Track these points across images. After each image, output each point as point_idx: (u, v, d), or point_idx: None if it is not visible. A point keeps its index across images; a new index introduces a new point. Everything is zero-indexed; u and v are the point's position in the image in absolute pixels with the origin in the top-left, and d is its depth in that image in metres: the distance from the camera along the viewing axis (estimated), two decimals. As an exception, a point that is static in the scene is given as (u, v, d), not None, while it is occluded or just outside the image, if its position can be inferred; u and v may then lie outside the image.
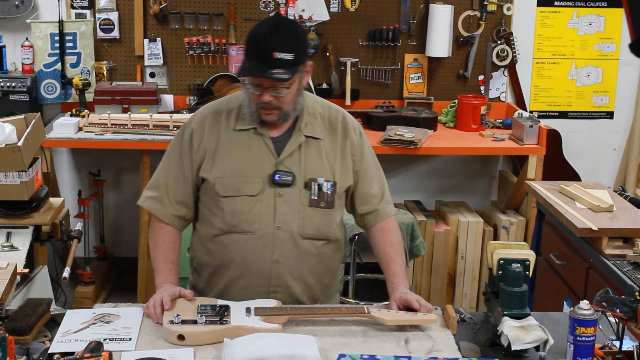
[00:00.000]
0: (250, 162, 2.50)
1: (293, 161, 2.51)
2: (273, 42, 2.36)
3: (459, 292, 4.77)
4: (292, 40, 2.40)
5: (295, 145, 2.52)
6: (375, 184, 2.64)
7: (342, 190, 2.57)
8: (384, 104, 5.04)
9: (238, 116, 2.53)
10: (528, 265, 2.29)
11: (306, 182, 2.50)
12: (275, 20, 2.47)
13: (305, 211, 2.51)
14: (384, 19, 5.03)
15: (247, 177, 2.49)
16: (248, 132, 2.52)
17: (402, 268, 2.59)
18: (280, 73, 2.36)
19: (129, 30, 4.96)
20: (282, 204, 2.49)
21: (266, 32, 2.38)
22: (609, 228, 3.15)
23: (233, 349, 2.14)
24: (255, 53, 2.38)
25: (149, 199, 2.58)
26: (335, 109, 2.64)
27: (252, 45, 2.40)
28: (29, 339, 2.23)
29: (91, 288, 4.75)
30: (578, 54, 5.20)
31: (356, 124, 2.65)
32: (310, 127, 2.54)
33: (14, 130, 3.15)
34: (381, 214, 2.64)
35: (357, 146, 2.61)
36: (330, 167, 2.54)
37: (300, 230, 2.50)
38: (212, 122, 2.54)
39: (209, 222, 2.56)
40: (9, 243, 3.11)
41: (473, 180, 5.33)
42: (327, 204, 2.53)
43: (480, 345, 2.30)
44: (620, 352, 2.15)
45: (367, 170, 2.62)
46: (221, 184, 2.49)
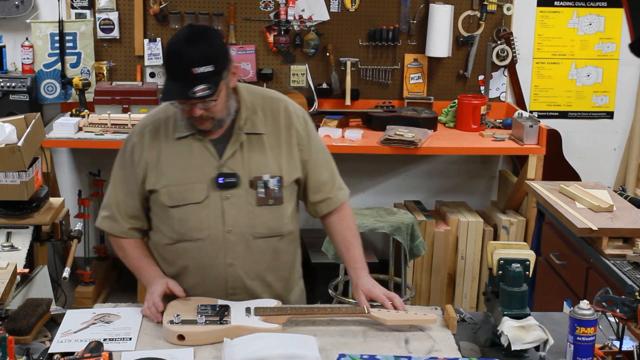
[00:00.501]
0: (192, 169, 2.45)
1: (236, 161, 2.45)
2: (190, 57, 2.29)
3: (459, 292, 4.77)
4: (208, 50, 2.32)
5: (236, 145, 2.46)
6: (324, 170, 2.59)
7: (289, 183, 2.51)
8: (384, 104, 5.04)
9: (176, 124, 2.48)
10: (528, 265, 2.29)
11: (251, 181, 2.45)
12: (187, 32, 2.35)
13: (254, 211, 2.46)
14: (384, 19, 5.03)
15: (191, 184, 2.44)
16: (187, 139, 2.46)
17: (361, 253, 2.59)
18: (203, 89, 2.29)
19: (129, 30, 4.96)
20: (230, 206, 2.45)
21: (181, 47, 2.31)
22: (609, 228, 3.15)
23: (233, 349, 2.14)
24: (175, 72, 2.32)
25: (104, 219, 2.57)
26: (277, 99, 2.57)
27: (170, 63, 2.34)
28: (29, 339, 2.23)
29: (91, 288, 4.75)
30: (578, 54, 5.20)
31: (300, 111, 2.58)
32: (250, 124, 2.48)
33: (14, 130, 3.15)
34: (334, 201, 2.60)
35: (304, 135, 2.54)
36: (275, 161, 2.48)
37: (252, 231, 2.47)
38: (152, 133, 2.49)
39: (160, 232, 2.53)
40: (9, 243, 3.11)
41: (473, 180, 5.33)
42: (276, 200, 2.48)
43: (480, 345, 2.30)
44: (620, 352, 2.15)
45: (316, 158, 2.56)
46: (166, 195, 2.45)
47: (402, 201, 5.10)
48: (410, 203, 5.00)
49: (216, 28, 2.49)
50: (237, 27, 4.98)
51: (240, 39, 5.00)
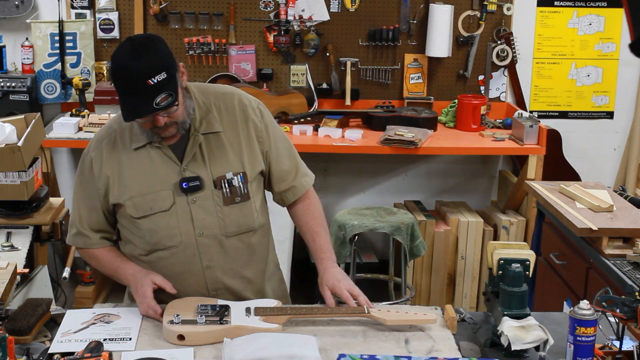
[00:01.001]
0: (154, 177, 2.43)
1: (197, 164, 2.44)
2: (141, 70, 2.24)
3: (459, 292, 4.77)
4: (156, 57, 2.29)
5: (195, 147, 2.43)
6: (286, 159, 2.57)
7: (253, 177, 2.50)
8: (384, 104, 5.04)
9: (132, 134, 2.44)
10: (528, 265, 2.29)
11: (215, 182, 2.44)
12: (130, 46, 2.30)
13: (223, 211, 2.45)
14: (384, 19, 5.03)
15: (155, 193, 2.42)
16: (145, 148, 2.43)
17: (327, 241, 2.58)
18: (166, 98, 2.26)
19: (129, 30, 4.96)
20: (197, 210, 2.43)
21: (129, 62, 2.25)
22: (609, 228, 3.15)
23: (233, 349, 2.14)
24: (130, 88, 2.27)
25: (73, 236, 2.54)
26: (229, 93, 2.54)
27: (122, 80, 2.28)
28: (29, 339, 2.23)
29: (91, 288, 4.75)
30: (578, 54, 5.20)
31: (255, 102, 2.55)
32: (205, 124, 2.46)
33: (14, 130, 3.15)
34: (299, 189, 2.60)
35: (261, 127, 2.52)
36: (236, 157, 2.47)
37: (223, 231, 2.46)
38: (109, 146, 2.46)
39: (131, 243, 2.52)
40: (9, 243, 3.12)
41: (473, 180, 5.33)
42: (242, 197, 2.46)
43: (480, 345, 2.29)
44: (620, 352, 2.15)
45: (276, 148, 2.55)
46: (132, 206, 2.44)
47: (402, 201, 5.10)
48: (410, 203, 5.00)
49: (154, 35, 2.46)
50: (237, 27, 4.98)
51: (240, 39, 5.00)
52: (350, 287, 2.46)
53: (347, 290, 2.44)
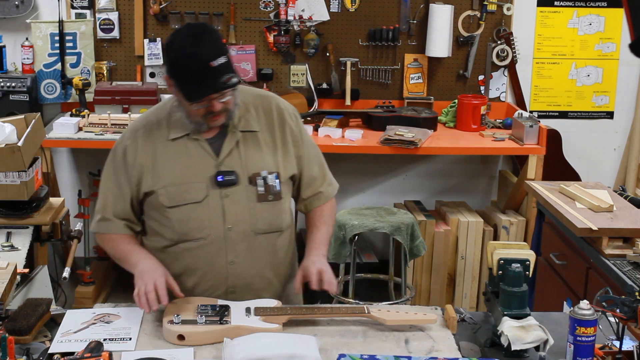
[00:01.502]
0: (190, 169, 2.45)
1: (233, 159, 2.46)
2: (204, 53, 2.30)
3: (459, 292, 4.77)
4: (217, 42, 2.35)
5: (232, 143, 2.47)
6: (315, 165, 2.61)
7: (286, 179, 2.53)
8: (384, 104, 5.04)
9: (169, 125, 2.48)
10: (528, 265, 2.29)
11: (250, 178, 2.46)
12: (189, 33, 2.36)
13: (255, 207, 2.47)
14: (384, 19, 5.03)
15: (190, 184, 2.44)
16: (182, 139, 2.47)
17: (324, 236, 2.58)
18: (229, 79, 2.32)
19: (129, 30, 4.96)
20: (230, 204, 2.45)
21: (191, 47, 2.31)
22: (609, 228, 3.15)
23: (233, 349, 2.14)
24: (193, 73, 2.32)
25: (98, 222, 2.55)
26: (267, 97, 2.58)
27: (185, 66, 2.33)
28: (29, 339, 2.23)
29: (91, 288, 4.75)
30: (578, 54, 5.20)
31: (291, 108, 2.60)
32: (244, 122, 2.49)
33: (14, 130, 3.15)
34: (324, 196, 2.62)
35: (296, 132, 2.56)
36: (272, 157, 2.50)
37: (253, 228, 2.47)
38: (144, 136, 2.49)
39: (157, 235, 2.52)
40: (9, 243, 3.11)
41: (473, 180, 5.33)
42: (275, 195, 2.49)
43: (480, 345, 2.30)
44: (620, 352, 2.15)
45: (308, 154, 2.59)
46: (165, 195, 2.45)
47: (402, 201, 5.10)
48: (410, 203, 5.00)
49: (207, 23, 2.50)
50: (237, 27, 4.98)
51: (240, 39, 5.00)
52: (322, 269, 2.44)
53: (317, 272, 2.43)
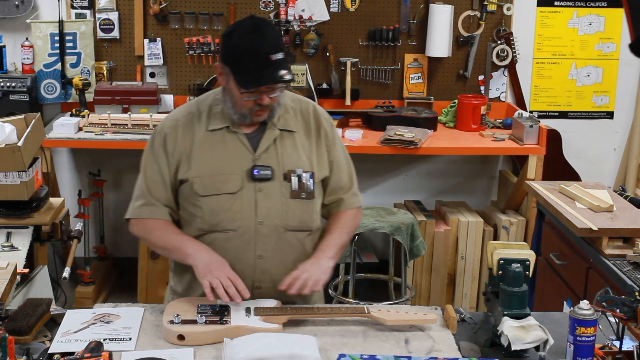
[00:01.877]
0: (227, 160, 2.49)
1: (270, 155, 2.50)
2: (265, 45, 2.37)
3: (459, 292, 4.77)
4: (278, 38, 2.43)
5: (270, 139, 2.51)
6: (344, 175, 2.64)
7: (319, 180, 2.57)
8: (384, 104, 5.04)
9: (209, 117, 2.53)
10: (528, 265, 2.29)
11: (285, 174, 2.50)
12: (253, 24, 2.42)
13: (288, 203, 2.49)
14: (384, 19, 5.03)
15: (225, 175, 2.48)
16: (221, 131, 2.51)
17: (335, 241, 2.56)
18: (286, 74, 2.39)
19: (129, 30, 4.96)
20: (263, 198, 2.48)
21: (253, 38, 2.38)
22: (609, 228, 3.15)
23: (233, 349, 2.14)
24: (251, 62, 2.37)
25: (141, 207, 2.55)
26: (305, 101, 2.64)
27: (244, 55, 2.38)
28: (29, 339, 2.23)
29: (91, 288, 4.75)
30: (578, 54, 5.20)
31: (327, 115, 2.66)
32: (283, 121, 2.54)
33: (14, 130, 3.15)
34: (346, 204, 2.63)
35: (331, 137, 2.61)
36: (307, 158, 2.54)
37: (284, 223, 2.49)
38: (185, 125, 2.53)
39: (188, 224, 2.54)
40: (9, 243, 3.11)
41: (473, 180, 5.33)
42: (308, 194, 2.51)
43: (480, 345, 2.30)
44: (620, 352, 2.15)
45: (339, 161, 2.63)
46: (200, 183, 2.48)
47: (402, 201, 5.10)
48: (410, 203, 5.00)
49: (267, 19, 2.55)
50: (237, 27, 4.97)
51: (240, 39, 4.99)
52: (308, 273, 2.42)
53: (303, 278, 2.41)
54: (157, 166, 2.54)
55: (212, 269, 2.39)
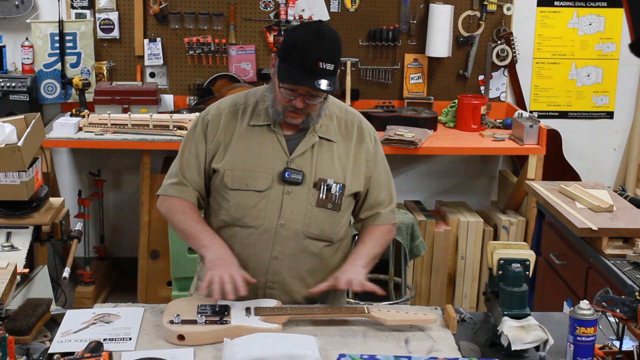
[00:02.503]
0: (261, 158, 2.50)
1: (304, 160, 2.51)
2: (319, 52, 2.36)
3: (459, 292, 4.77)
4: (335, 50, 2.41)
5: (308, 144, 2.52)
6: (383, 192, 2.63)
7: (349, 194, 2.56)
8: (384, 104, 5.04)
9: (253, 112, 2.54)
10: (528, 265, 2.29)
11: (315, 182, 2.50)
12: (318, 28, 2.42)
13: (312, 211, 2.50)
14: (384, 19, 5.03)
15: (256, 172, 2.49)
16: (262, 128, 2.53)
17: (368, 251, 2.56)
18: (328, 84, 2.37)
19: (129, 30, 4.96)
20: (289, 201, 2.49)
21: (312, 40, 2.38)
22: (609, 228, 3.15)
23: (233, 349, 2.14)
24: (299, 60, 2.37)
25: (171, 186, 2.57)
26: (352, 112, 2.64)
27: (296, 52, 2.38)
28: (29, 339, 2.23)
29: (91, 288, 4.75)
30: (578, 54, 5.20)
31: (372, 130, 2.65)
32: (325, 129, 2.54)
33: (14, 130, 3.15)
34: (380, 218, 2.63)
35: (372, 153, 2.60)
36: (341, 169, 2.53)
37: (304, 229, 2.50)
38: (229, 115, 2.55)
39: (213, 214, 2.57)
40: (9, 243, 3.11)
41: (473, 180, 5.33)
42: (334, 205, 2.52)
43: (480, 345, 2.30)
44: (620, 352, 2.15)
45: (378, 178, 2.62)
46: (230, 176, 2.50)
47: (402, 201, 5.10)
48: (410, 203, 5.00)
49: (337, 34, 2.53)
50: (237, 27, 4.98)
51: (240, 39, 5.00)
52: (347, 275, 2.43)
53: (347, 280, 2.42)
54: (195, 150, 2.56)
55: (219, 265, 2.40)
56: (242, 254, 2.51)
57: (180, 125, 4.47)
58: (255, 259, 2.51)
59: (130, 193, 5.17)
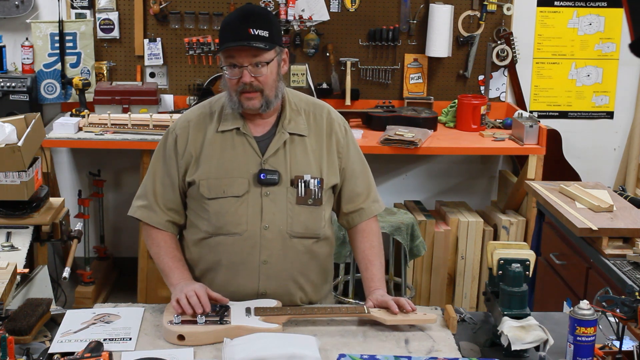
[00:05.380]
0: (234, 163, 2.48)
1: (278, 159, 2.48)
2: (247, 21, 2.38)
3: (459, 292, 4.77)
4: (265, 20, 2.41)
5: (279, 142, 2.49)
6: (360, 181, 2.61)
7: (328, 187, 2.54)
8: (384, 104, 5.04)
9: (220, 118, 2.51)
10: (528, 265, 2.29)
11: (292, 180, 2.48)
12: (243, 7, 2.48)
13: (293, 209, 2.48)
14: (384, 19, 5.03)
15: (232, 178, 2.47)
16: (231, 133, 2.50)
17: (381, 272, 2.57)
18: (259, 42, 2.36)
19: (129, 30, 4.96)
20: (268, 203, 2.46)
21: (238, 15, 2.41)
22: (609, 228, 3.15)
23: (233, 349, 2.14)
24: (230, 34, 2.39)
25: (139, 208, 2.56)
26: (319, 105, 2.61)
27: (226, 28, 2.42)
28: (29, 339, 2.23)
29: (91, 288, 4.75)
30: (578, 54, 5.20)
31: (341, 120, 2.63)
32: (294, 124, 2.52)
33: (14, 130, 3.15)
34: (366, 213, 2.62)
35: (343, 143, 2.59)
36: (316, 163, 2.52)
37: (289, 229, 2.48)
38: (196, 126, 2.52)
39: (195, 227, 2.53)
40: (9, 243, 3.11)
41: (473, 180, 5.33)
42: (315, 200, 2.50)
43: (480, 345, 2.30)
44: (620, 352, 2.15)
45: (352, 168, 2.60)
46: (206, 186, 2.47)
47: (402, 201, 5.10)
48: (410, 203, 5.00)
49: None
50: (237, 27, 4.97)
51: (240, 39, 4.99)
52: (397, 299, 2.42)
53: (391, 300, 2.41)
54: (166, 168, 2.53)
55: (183, 288, 2.37)
56: (230, 262, 2.48)
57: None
58: (244, 266, 2.48)
59: (130, 193, 5.14)
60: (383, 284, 2.54)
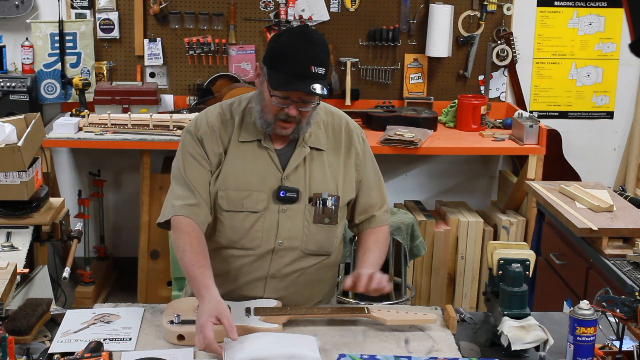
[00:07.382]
0: (254, 176, 2.42)
1: (298, 176, 2.44)
2: (310, 55, 2.28)
3: (459, 292, 4.77)
4: (325, 53, 2.34)
5: (300, 158, 2.44)
6: (374, 193, 2.58)
7: (344, 204, 2.52)
8: (384, 104, 5.04)
9: (240, 126, 2.44)
10: (528, 265, 2.29)
11: (311, 198, 2.44)
12: (305, 32, 2.35)
13: (310, 227, 2.46)
14: (384, 19, 5.03)
15: (251, 192, 2.41)
16: (252, 144, 2.43)
17: (376, 259, 2.48)
18: (320, 88, 2.28)
19: (129, 30, 4.96)
20: (285, 220, 2.43)
21: (301, 44, 2.29)
22: (609, 228, 3.15)
23: (233, 348, 2.14)
24: (291, 66, 2.28)
25: (184, 207, 2.38)
26: (338, 115, 2.55)
27: (286, 57, 2.29)
28: (29, 339, 2.23)
29: (91, 288, 4.75)
30: (578, 54, 5.20)
31: (359, 130, 2.58)
32: (314, 138, 2.47)
33: (14, 130, 3.15)
34: (377, 221, 2.59)
35: (362, 156, 2.55)
36: (333, 180, 2.48)
37: (303, 247, 2.46)
38: (220, 131, 2.44)
39: (208, 237, 2.47)
40: (9, 243, 3.11)
41: (473, 180, 5.33)
42: (331, 219, 2.47)
43: (480, 345, 2.30)
44: (620, 352, 2.15)
45: (368, 179, 2.56)
46: (224, 198, 2.42)
47: (402, 201, 5.10)
48: (410, 203, 5.00)
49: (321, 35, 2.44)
50: (237, 27, 4.98)
51: (240, 39, 5.00)
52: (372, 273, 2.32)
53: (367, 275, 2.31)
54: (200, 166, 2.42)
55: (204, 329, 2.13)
56: (239, 274, 2.47)
57: (180, 125, 4.46)
58: (253, 278, 2.47)
59: (130, 193, 5.17)
60: (374, 266, 2.43)
